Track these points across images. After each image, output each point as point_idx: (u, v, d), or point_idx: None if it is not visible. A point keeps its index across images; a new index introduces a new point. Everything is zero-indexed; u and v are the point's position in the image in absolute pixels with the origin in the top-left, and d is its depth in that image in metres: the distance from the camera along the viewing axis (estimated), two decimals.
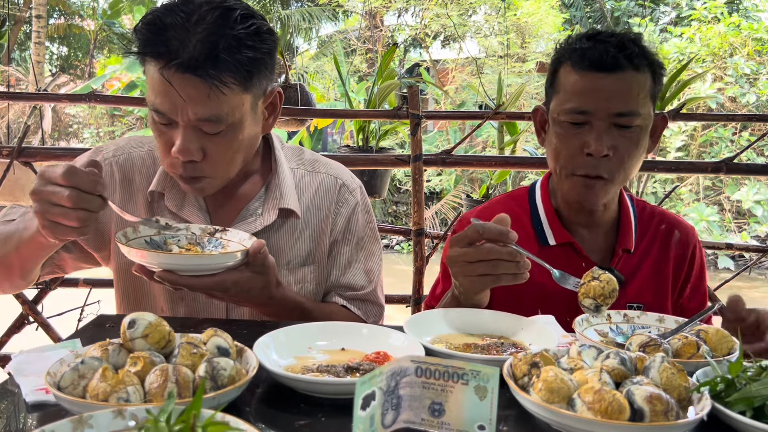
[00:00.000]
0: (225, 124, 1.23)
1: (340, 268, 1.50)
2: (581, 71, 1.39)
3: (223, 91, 1.19)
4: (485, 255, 1.18)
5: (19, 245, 1.26)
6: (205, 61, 1.17)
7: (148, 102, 1.26)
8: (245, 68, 1.21)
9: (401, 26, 14.16)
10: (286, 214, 1.44)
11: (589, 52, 1.39)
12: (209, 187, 1.32)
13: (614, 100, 1.37)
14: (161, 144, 1.28)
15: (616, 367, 0.87)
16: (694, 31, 10.43)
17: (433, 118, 3.49)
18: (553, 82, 1.47)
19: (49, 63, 16.35)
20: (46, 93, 3.14)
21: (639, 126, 1.39)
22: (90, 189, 1.09)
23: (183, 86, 1.18)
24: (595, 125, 1.38)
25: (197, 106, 1.20)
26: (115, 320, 1.27)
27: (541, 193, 1.58)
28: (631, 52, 1.37)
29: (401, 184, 12.04)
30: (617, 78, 1.37)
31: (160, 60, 1.18)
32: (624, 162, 1.40)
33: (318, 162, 1.55)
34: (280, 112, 1.40)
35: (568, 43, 1.46)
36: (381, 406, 0.75)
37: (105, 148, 1.48)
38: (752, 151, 9.45)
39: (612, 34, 1.42)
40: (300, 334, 1.10)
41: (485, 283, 1.21)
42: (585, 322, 1.20)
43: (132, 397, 0.78)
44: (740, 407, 0.84)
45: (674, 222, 1.59)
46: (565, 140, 1.42)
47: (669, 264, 1.53)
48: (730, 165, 2.72)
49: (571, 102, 1.40)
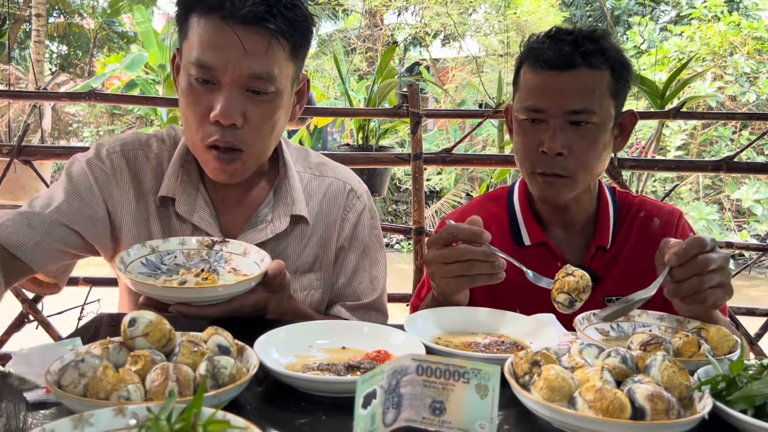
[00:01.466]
0: (273, 85, 1.23)
1: (346, 276, 1.48)
2: (537, 70, 1.41)
3: (282, 47, 1.22)
4: (460, 256, 1.19)
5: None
6: (264, 15, 1.18)
7: (187, 63, 1.23)
8: (299, 30, 1.24)
9: (401, 25, 14.15)
10: (296, 221, 1.41)
11: (545, 51, 1.40)
12: (242, 168, 1.29)
13: (567, 98, 1.38)
14: (195, 113, 1.24)
15: (617, 366, 0.87)
16: (694, 29, 10.42)
17: (434, 116, 3.49)
18: (516, 81, 1.49)
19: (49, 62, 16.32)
20: (45, 92, 3.14)
21: (595, 123, 1.40)
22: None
23: (245, 37, 1.18)
24: (549, 123, 1.40)
25: (254, 60, 1.20)
26: (115, 319, 1.26)
27: (519, 194, 1.59)
28: (585, 50, 1.38)
29: (401, 182, 12.03)
30: (571, 76, 1.38)
31: (218, 11, 1.18)
32: (581, 160, 1.41)
33: (325, 165, 1.53)
34: (305, 102, 1.41)
35: (530, 43, 1.47)
36: (382, 405, 0.75)
37: (108, 143, 1.42)
38: (752, 150, 9.43)
39: (570, 32, 1.43)
40: (300, 333, 1.10)
41: (461, 283, 1.22)
42: (586, 321, 1.20)
43: (133, 396, 0.78)
44: (741, 406, 0.83)
45: (653, 208, 1.57)
46: (524, 138, 1.45)
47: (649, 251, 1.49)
48: (730, 164, 2.72)
49: (528, 100, 1.43)
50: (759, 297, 8.20)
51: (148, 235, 1.37)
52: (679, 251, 1.14)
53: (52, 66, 16.48)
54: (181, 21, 1.24)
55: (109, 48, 16.71)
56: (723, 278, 1.14)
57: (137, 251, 1.23)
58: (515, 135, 1.49)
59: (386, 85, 3.55)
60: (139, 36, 11.36)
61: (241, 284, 1.14)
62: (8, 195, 3.09)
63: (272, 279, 1.17)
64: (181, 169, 1.38)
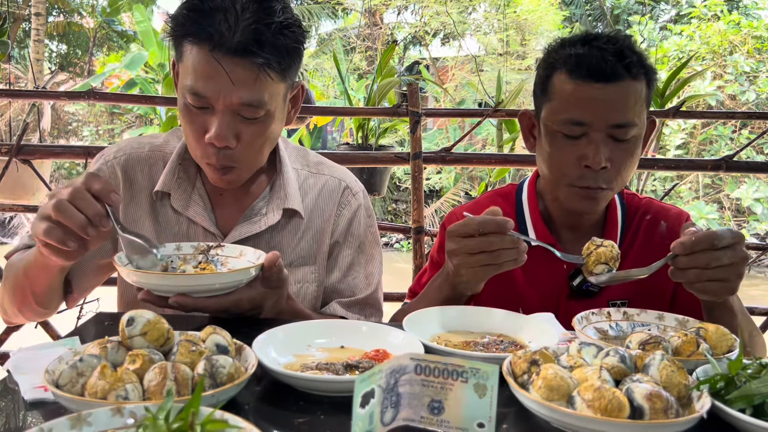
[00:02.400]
0: (264, 110, 1.26)
1: (341, 271, 1.50)
2: (577, 80, 1.35)
3: (270, 75, 1.23)
4: (488, 246, 1.18)
5: (26, 268, 1.28)
6: (253, 45, 1.20)
7: (182, 87, 1.26)
8: (287, 56, 1.25)
9: (401, 24, 14.15)
10: (290, 215, 1.44)
11: (586, 59, 1.34)
12: (238, 178, 1.34)
13: (612, 111, 1.34)
14: (192, 132, 1.28)
15: (616, 365, 0.87)
16: (693, 28, 10.42)
17: (433, 115, 3.49)
18: (546, 89, 1.42)
19: (49, 61, 16.32)
20: (45, 91, 3.13)
21: (635, 136, 1.38)
22: (91, 211, 1.09)
23: (232, 69, 1.20)
24: (591, 137, 1.35)
25: (243, 90, 1.22)
26: (113, 318, 1.26)
27: (528, 194, 1.57)
28: (629, 61, 1.33)
29: (401, 182, 12.04)
30: (615, 88, 1.33)
31: (208, 42, 1.20)
32: (620, 172, 1.39)
33: (322, 164, 1.56)
34: (300, 107, 1.44)
35: (563, 48, 1.41)
36: (380, 404, 0.75)
37: (106, 152, 1.49)
38: (752, 149, 9.43)
39: (608, 39, 1.37)
40: (299, 332, 1.10)
41: (488, 272, 1.22)
42: (584, 320, 1.20)
43: (131, 395, 0.78)
44: (740, 405, 0.83)
45: (660, 211, 1.56)
46: (561, 151, 1.39)
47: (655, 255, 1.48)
48: (729, 163, 2.72)
49: (567, 112, 1.36)
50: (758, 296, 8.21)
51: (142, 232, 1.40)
52: (687, 242, 1.14)
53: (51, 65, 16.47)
54: (176, 43, 1.27)
55: (108, 47, 16.71)
56: (726, 275, 1.14)
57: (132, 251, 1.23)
58: (546, 145, 1.42)
59: (386, 84, 3.55)
60: (139, 35, 11.36)
61: (240, 272, 1.16)
62: (8, 194, 3.08)
63: (269, 270, 1.19)
64: (178, 167, 1.42)
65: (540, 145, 1.46)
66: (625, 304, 1.45)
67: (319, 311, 1.49)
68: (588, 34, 1.41)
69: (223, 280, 1.15)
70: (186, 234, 1.41)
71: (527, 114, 1.53)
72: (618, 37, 1.38)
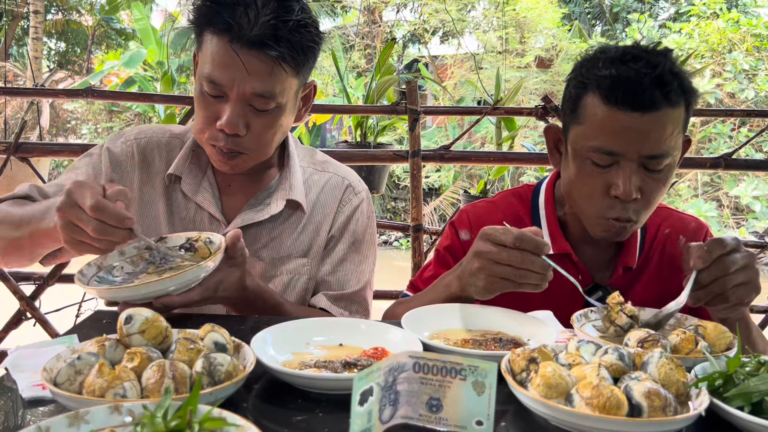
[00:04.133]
0: (275, 102, 1.31)
1: (332, 264, 1.52)
2: (611, 107, 1.25)
3: (285, 68, 1.28)
4: (518, 262, 1.13)
5: (33, 233, 1.27)
6: (270, 40, 1.25)
7: (200, 75, 1.31)
8: (302, 52, 1.31)
9: (400, 22, 14.13)
10: (293, 207, 1.48)
11: (623, 84, 1.24)
12: (243, 164, 1.37)
13: (646, 142, 1.25)
14: (205, 117, 1.33)
15: (615, 363, 0.87)
16: (692, 26, 10.42)
17: (432, 113, 3.48)
18: (576, 109, 1.32)
19: (47, 59, 16.29)
20: (43, 88, 3.12)
21: (669, 164, 1.29)
22: (118, 224, 1.08)
23: (248, 60, 1.26)
24: (623, 165, 1.27)
25: (257, 81, 1.27)
26: (112, 316, 1.26)
27: (545, 198, 1.51)
28: (669, 89, 1.23)
29: (400, 180, 12.03)
30: (653, 118, 1.23)
31: (227, 33, 1.25)
32: (650, 202, 1.32)
33: (328, 163, 1.61)
34: (311, 106, 1.49)
35: (597, 66, 1.29)
36: (379, 402, 0.75)
37: (127, 132, 1.54)
38: (750, 147, 9.43)
39: (648, 61, 1.25)
40: (298, 330, 1.10)
41: (505, 286, 1.17)
42: (583, 318, 1.20)
43: (129, 393, 0.78)
44: (738, 402, 0.83)
45: (678, 223, 1.52)
46: (589, 177, 1.32)
47: (673, 269, 1.44)
48: (728, 160, 2.72)
49: (598, 140, 1.28)
50: None
51: (155, 214, 1.47)
52: (703, 254, 1.14)
53: (50, 63, 16.46)
54: (198, 32, 1.33)
55: (107, 45, 16.69)
56: (748, 276, 1.14)
57: (88, 270, 1.24)
58: (573, 168, 1.34)
59: (384, 82, 3.55)
60: (138, 33, 11.34)
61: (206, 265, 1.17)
62: (5, 192, 3.08)
63: (232, 249, 1.22)
64: (191, 153, 1.48)
65: (566, 165, 1.39)
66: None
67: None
68: (626, 53, 1.28)
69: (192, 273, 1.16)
70: (192, 219, 1.46)
71: (553, 128, 1.45)
72: (658, 58, 1.27)
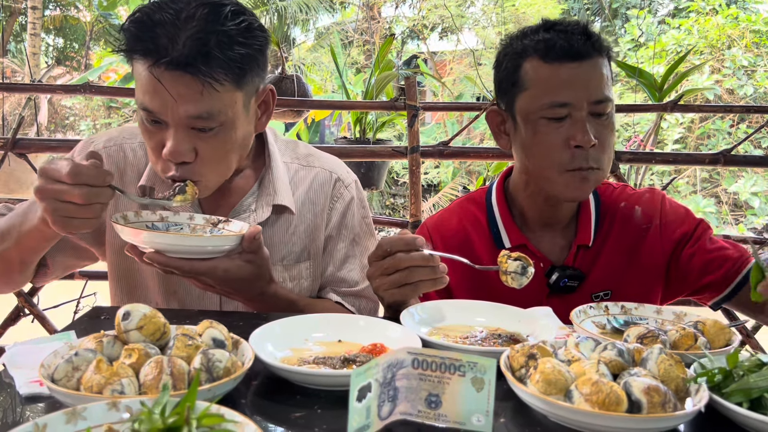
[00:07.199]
0: (217, 122, 1.21)
1: (336, 264, 1.49)
2: (552, 62, 1.36)
3: (216, 88, 1.18)
4: (398, 264, 1.18)
5: (19, 239, 1.25)
6: (196, 58, 1.15)
7: (137, 102, 1.23)
8: (237, 65, 1.19)
9: (399, 17, 14.10)
10: (279, 211, 1.43)
11: (557, 41, 1.36)
12: (205, 189, 1.29)
13: (591, 88, 1.36)
14: (151, 146, 1.26)
15: (614, 359, 0.87)
16: (692, 22, 10.40)
17: (431, 109, 3.47)
18: (517, 80, 1.41)
19: (45, 54, 16.25)
20: (41, 84, 3.11)
21: (611, 111, 1.39)
22: (99, 183, 1.09)
23: (174, 84, 1.16)
24: (575, 116, 1.35)
25: (189, 104, 1.18)
26: (109, 312, 1.26)
27: (496, 196, 1.56)
28: (595, 39, 1.37)
29: (399, 176, 12.02)
30: (590, 65, 1.36)
31: (149, 58, 1.16)
32: (606, 149, 1.39)
33: (312, 156, 1.54)
34: (273, 111, 1.39)
35: (526, 37, 1.41)
36: (377, 398, 0.75)
37: (96, 139, 1.47)
38: (749, 143, 9.44)
39: (568, 23, 1.40)
40: (296, 326, 1.10)
41: (405, 293, 1.21)
42: (582, 314, 1.20)
43: (126, 389, 0.78)
44: (737, 398, 0.83)
45: (633, 196, 1.55)
46: (547, 136, 1.38)
47: (633, 242, 1.50)
48: (727, 157, 2.72)
49: (548, 96, 1.36)
50: None
51: None
52: None
53: (48, 59, 16.41)
54: (127, 58, 1.23)
55: (105, 41, 16.64)
56: None
57: (146, 216, 1.26)
58: (527, 137, 1.41)
59: (383, 78, 3.54)
60: None
61: (214, 238, 1.20)
62: (3, 188, 3.08)
63: (248, 242, 1.20)
64: None
65: (518, 139, 1.45)
66: (608, 295, 1.45)
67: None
68: (547, 21, 1.43)
69: (199, 242, 1.18)
70: None
71: (495, 111, 1.50)
72: (575, 20, 1.42)
